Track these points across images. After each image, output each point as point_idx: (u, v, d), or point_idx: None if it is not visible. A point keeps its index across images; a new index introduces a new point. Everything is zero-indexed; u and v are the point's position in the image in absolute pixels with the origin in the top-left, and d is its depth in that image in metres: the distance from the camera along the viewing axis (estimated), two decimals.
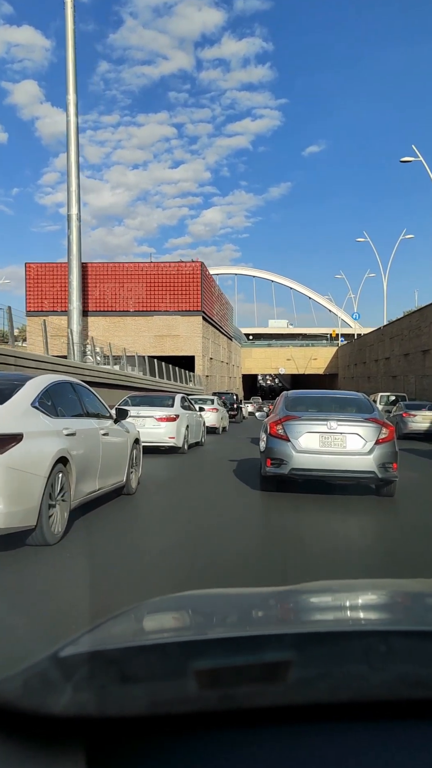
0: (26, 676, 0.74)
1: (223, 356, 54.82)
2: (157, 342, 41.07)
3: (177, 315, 41.06)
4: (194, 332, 41.08)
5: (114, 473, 6.41)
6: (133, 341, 40.52)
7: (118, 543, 5.19)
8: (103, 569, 4.24)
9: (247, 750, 0.65)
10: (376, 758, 0.65)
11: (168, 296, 41.18)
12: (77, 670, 0.77)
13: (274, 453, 7.45)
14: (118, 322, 41.02)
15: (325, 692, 0.70)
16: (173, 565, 4.49)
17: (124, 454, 6.78)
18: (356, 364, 59.11)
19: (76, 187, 29.17)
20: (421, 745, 0.67)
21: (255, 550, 5.05)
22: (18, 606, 3.49)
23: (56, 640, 0.90)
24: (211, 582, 3.99)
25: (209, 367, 45.33)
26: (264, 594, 1.38)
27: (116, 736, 0.66)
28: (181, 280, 41.36)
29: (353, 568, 4.54)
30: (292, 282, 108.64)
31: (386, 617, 1.19)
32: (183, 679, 0.72)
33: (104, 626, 1.01)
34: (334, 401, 8.58)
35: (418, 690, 0.72)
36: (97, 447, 5.76)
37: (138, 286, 41.20)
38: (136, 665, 0.79)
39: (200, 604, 1.26)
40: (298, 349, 76.17)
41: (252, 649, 0.80)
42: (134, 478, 7.30)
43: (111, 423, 6.43)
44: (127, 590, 3.77)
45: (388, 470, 7.36)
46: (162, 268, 41.70)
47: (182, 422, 13.19)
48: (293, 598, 1.28)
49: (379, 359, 48.00)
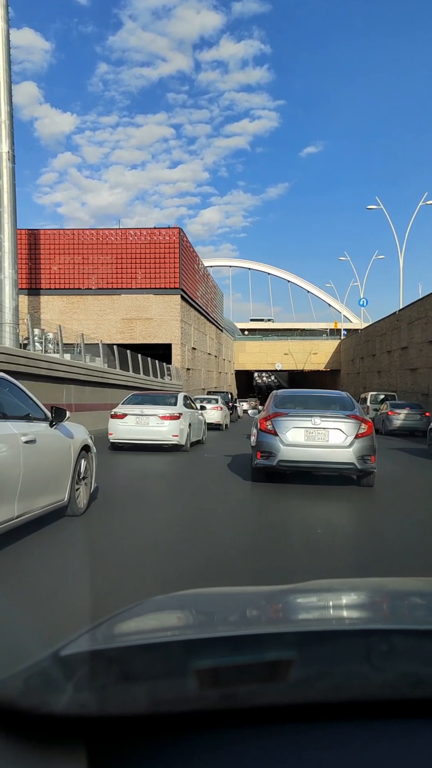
0: (27, 675, 0.74)
1: (211, 347, 47.34)
2: (125, 327, 33.57)
3: (149, 293, 33.51)
4: (171, 315, 33.52)
5: (47, 491, 5.14)
6: (96, 325, 33.17)
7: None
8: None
9: (248, 749, 0.66)
10: (378, 757, 0.65)
11: (138, 270, 33.63)
12: (78, 669, 0.78)
13: (263, 446, 8.12)
14: (77, 303, 33.51)
15: (326, 691, 0.71)
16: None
17: (65, 465, 5.55)
18: (363, 358, 52.05)
19: (7, 117, 21.87)
20: (422, 744, 0.67)
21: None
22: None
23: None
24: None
25: (191, 358, 37.80)
26: (265, 593, 1.38)
27: (117, 735, 0.67)
28: (154, 251, 33.73)
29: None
30: (290, 275, 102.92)
31: (387, 616, 1.17)
32: (184, 678, 0.73)
33: (105, 625, 1.01)
34: (319, 399, 9.21)
35: (420, 689, 0.72)
36: (14, 459, 4.49)
37: (102, 259, 33.63)
38: (137, 664, 0.79)
39: (201, 602, 1.26)
40: (296, 343, 69.42)
41: (253, 648, 0.81)
42: (82, 494, 6.04)
43: (45, 426, 5.22)
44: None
45: (366, 462, 8.06)
46: (131, 236, 33.99)
47: (185, 420, 13.28)
48: (294, 597, 1.27)
49: (393, 350, 40.65)
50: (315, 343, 69.12)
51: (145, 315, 33.51)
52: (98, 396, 20.43)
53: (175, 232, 33.86)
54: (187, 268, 35.62)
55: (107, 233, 34.04)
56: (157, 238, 33.93)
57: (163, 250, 33.67)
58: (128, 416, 13.11)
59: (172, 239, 33.74)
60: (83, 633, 0.93)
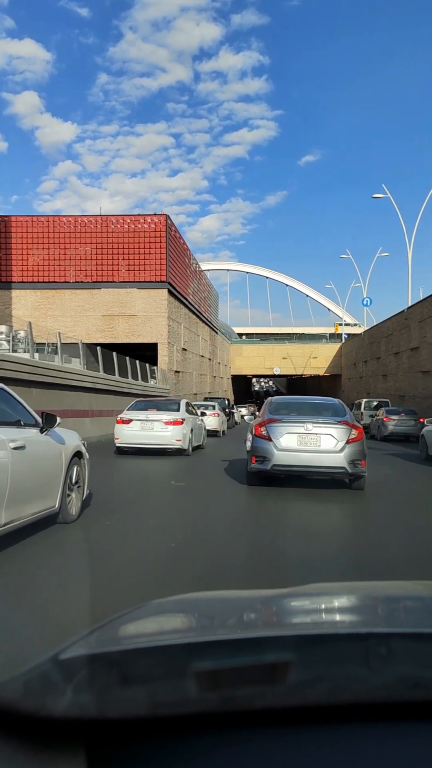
0: (27, 678, 0.74)
1: (204, 350, 44.02)
2: (105, 324, 30.20)
3: (133, 287, 30.15)
4: (157, 311, 30.13)
5: (37, 498, 5.11)
6: (74, 323, 29.86)
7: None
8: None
9: (247, 752, 0.66)
10: (377, 760, 0.65)
11: (121, 262, 30.29)
12: (78, 672, 0.78)
13: (258, 451, 8.44)
14: (53, 298, 30.15)
15: (325, 694, 0.71)
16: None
17: (55, 472, 5.53)
18: (366, 361, 48.88)
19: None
20: (421, 746, 0.67)
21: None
22: None
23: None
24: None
25: (181, 360, 34.45)
26: (264, 596, 1.38)
27: (117, 738, 0.67)
28: (138, 240, 30.35)
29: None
30: (289, 278, 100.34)
31: (386, 619, 1.17)
32: (183, 681, 0.73)
33: (105, 628, 1.02)
34: (312, 406, 9.46)
35: (418, 692, 0.73)
36: (1, 465, 4.47)
37: (81, 249, 30.32)
38: (137, 667, 0.79)
39: (200, 606, 1.27)
40: (295, 347, 66.45)
41: (252, 651, 0.82)
42: (74, 501, 5.98)
43: (35, 432, 5.21)
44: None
45: (357, 466, 8.34)
46: (113, 224, 30.57)
47: (187, 426, 13.77)
48: (293, 600, 1.27)
49: (401, 351, 37.40)
50: (315, 346, 66.22)
51: (128, 311, 30.14)
52: (68, 401, 17.09)
53: (162, 219, 30.44)
54: (175, 260, 32.28)
55: (86, 220, 30.66)
56: (141, 226, 30.56)
57: (148, 239, 30.32)
58: (134, 421, 13.61)
59: (158, 227, 30.36)
60: (83, 636, 0.93)
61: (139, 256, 30.16)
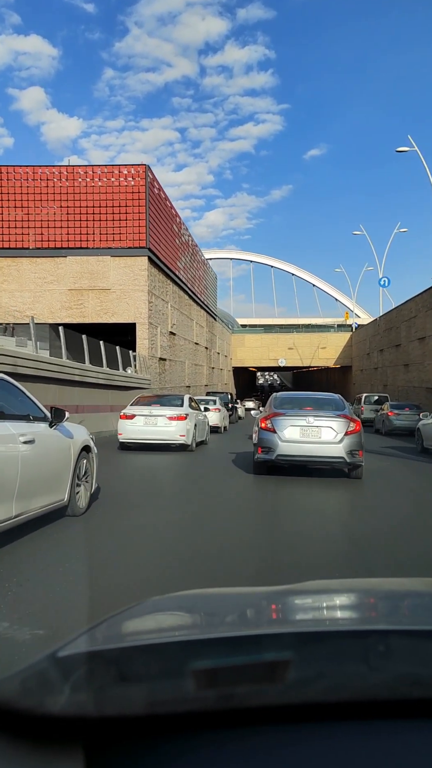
0: (24, 676, 0.74)
1: (199, 337, 38.54)
2: (73, 300, 24.76)
3: (106, 254, 24.68)
4: (135, 284, 24.66)
5: (46, 491, 5.21)
6: (34, 299, 24.56)
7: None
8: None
9: (245, 750, 0.66)
10: (375, 758, 0.66)
11: (92, 223, 24.80)
12: (75, 670, 0.78)
13: (263, 443, 9.27)
14: (7, 268, 24.71)
15: (324, 692, 0.72)
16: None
17: (64, 465, 5.64)
18: (382, 350, 43.38)
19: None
20: (420, 744, 0.68)
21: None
22: None
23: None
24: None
25: (168, 346, 28.97)
26: (262, 593, 1.37)
27: (115, 736, 0.67)
28: (112, 197, 24.87)
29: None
30: (295, 267, 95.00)
31: (385, 617, 1.17)
32: (181, 679, 0.74)
33: (102, 626, 1.01)
34: (314, 401, 10.24)
35: (417, 689, 0.73)
36: (11, 459, 4.56)
37: (43, 208, 24.85)
38: (135, 665, 0.80)
39: (199, 603, 1.26)
40: (302, 336, 61.09)
41: (251, 649, 0.82)
42: (83, 495, 6.10)
43: (44, 427, 5.28)
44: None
45: (354, 456, 9.17)
46: (81, 177, 25.09)
47: (191, 421, 13.78)
48: (292, 598, 1.27)
49: (428, 336, 31.82)
50: (323, 336, 60.72)
51: (100, 284, 24.69)
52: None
53: (141, 171, 24.77)
54: (159, 223, 26.75)
55: (50, 172, 25.06)
56: (116, 180, 25.02)
57: (124, 195, 24.81)
58: (137, 417, 13.60)
59: (137, 181, 24.85)
60: (81, 634, 0.93)
61: (113, 216, 24.66)
